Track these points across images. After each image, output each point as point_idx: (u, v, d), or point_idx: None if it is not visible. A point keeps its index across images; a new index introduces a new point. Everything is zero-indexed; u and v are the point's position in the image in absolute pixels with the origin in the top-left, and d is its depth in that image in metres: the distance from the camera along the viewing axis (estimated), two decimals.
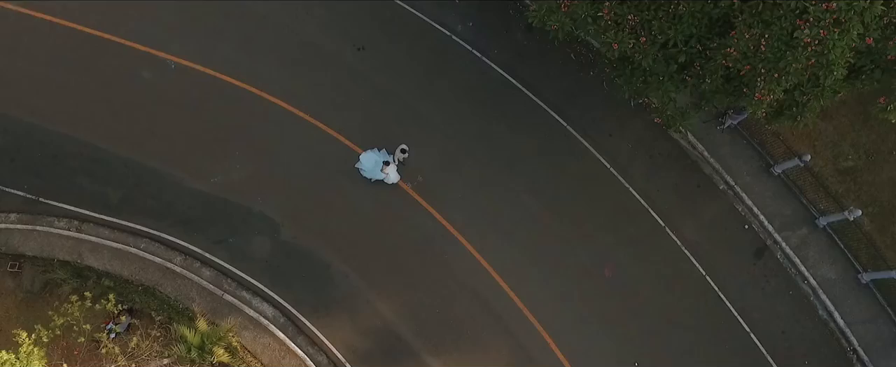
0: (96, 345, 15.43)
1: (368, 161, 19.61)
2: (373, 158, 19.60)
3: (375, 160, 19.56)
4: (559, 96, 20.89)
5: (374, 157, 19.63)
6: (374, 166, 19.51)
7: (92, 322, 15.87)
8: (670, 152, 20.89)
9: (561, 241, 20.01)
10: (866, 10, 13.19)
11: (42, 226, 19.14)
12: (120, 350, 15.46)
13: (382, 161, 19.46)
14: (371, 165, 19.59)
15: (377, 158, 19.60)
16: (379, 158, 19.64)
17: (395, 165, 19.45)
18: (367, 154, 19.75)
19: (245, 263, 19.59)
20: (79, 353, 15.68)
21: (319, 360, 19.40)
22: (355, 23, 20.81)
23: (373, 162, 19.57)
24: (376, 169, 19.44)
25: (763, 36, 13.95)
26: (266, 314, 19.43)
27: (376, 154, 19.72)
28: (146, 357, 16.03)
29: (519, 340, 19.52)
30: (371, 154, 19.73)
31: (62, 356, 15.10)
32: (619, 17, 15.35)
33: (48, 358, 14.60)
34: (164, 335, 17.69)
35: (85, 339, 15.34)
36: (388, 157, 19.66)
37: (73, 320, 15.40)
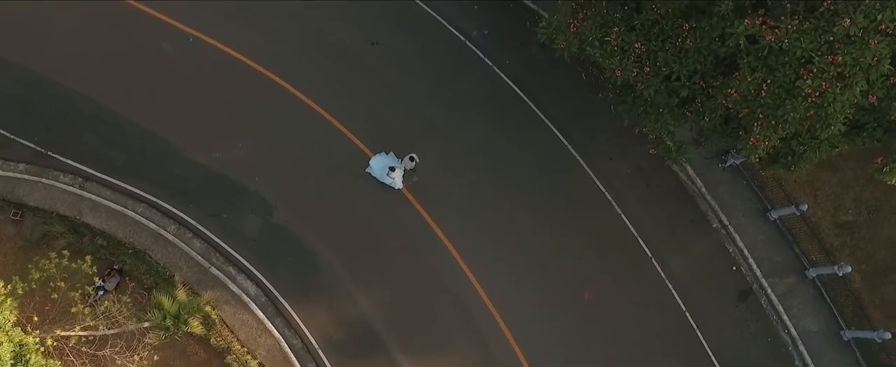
0: (68, 304, 15.95)
1: (378, 164, 19.81)
2: (382, 162, 19.79)
3: (385, 164, 19.74)
4: (564, 115, 20.97)
5: (384, 161, 19.82)
6: (383, 170, 19.68)
7: (68, 281, 16.38)
8: (668, 184, 20.84)
9: (545, 258, 20.12)
10: (872, 69, 13.10)
11: (47, 179, 19.81)
12: (90, 312, 15.97)
13: (390, 166, 19.59)
14: (380, 168, 19.78)
15: (385, 162, 19.78)
16: (386, 160, 19.82)
17: (401, 171, 19.59)
18: (377, 158, 19.92)
19: (235, 239, 20.06)
20: (50, 309, 16.22)
21: (294, 343, 19.80)
22: (372, 18, 21.11)
23: (383, 166, 19.75)
24: (384, 173, 19.63)
25: (765, 81, 13.93)
26: (248, 291, 19.88)
27: (386, 158, 19.90)
28: (120, 320, 16.52)
29: (489, 347, 19.69)
30: (381, 158, 19.91)
31: (35, 309, 15.64)
32: (626, 43, 15.41)
33: (21, 310, 15.15)
34: (149, 299, 18.19)
35: (58, 296, 15.88)
36: (397, 162, 19.83)
37: (50, 276, 15.93)
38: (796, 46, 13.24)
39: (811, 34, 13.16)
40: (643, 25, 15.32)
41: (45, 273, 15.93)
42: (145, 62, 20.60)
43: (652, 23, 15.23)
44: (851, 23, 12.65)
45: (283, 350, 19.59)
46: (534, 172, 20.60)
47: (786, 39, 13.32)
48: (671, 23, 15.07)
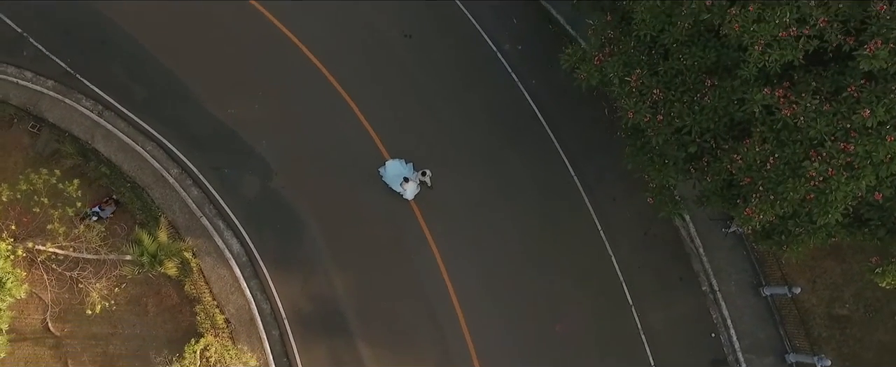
0: (47, 221, 16.49)
1: (393, 169, 19.83)
2: (397, 168, 19.80)
3: (400, 171, 19.73)
4: (578, 146, 20.82)
5: (400, 167, 19.83)
6: (396, 177, 19.68)
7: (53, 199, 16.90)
8: (666, 236, 20.49)
9: (526, 282, 20.00)
10: (883, 165, 12.67)
11: (70, 100, 20.56)
12: (65, 232, 16.49)
13: (404, 176, 19.60)
14: (394, 173, 19.76)
15: (402, 170, 19.77)
16: (403, 170, 19.79)
17: (416, 183, 19.64)
18: (393, 163, 19.93)
19: (230, 195, 20.50)
20: (29, 221, 16.81)
21: (263, 307, 20.11)
22: (411, 11, 21.32)
23: (397, 171, 19.75)
24: (396, 180, 19.64)
25: (773, 154, 13.60)
26: (232, 248, 20.27)
27: (402, 166, 19.87)
28: (96, 247, 17.02)
29: (449, 355, 19.64)
30: (397, 164, 19.91)
31: (14, 218, 16.23)
32: (645, 87, 15.20)
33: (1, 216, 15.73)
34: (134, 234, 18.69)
35: (39, 211, 16.44)
36: (412, 173, 19.83)
37: (36, 190, 16.52)
38: (811, 126, 12.89)
39: (829, 117, 12.80)
40: (666, 73, 15.10)
41: (32, 187, 16.53)
42: (190, 11, 21.16)
43: (676, 72, 15.00)
44: (871, 113, 12.27)
45: (251, 312, 19.91)
46: (534, 195, 20.50)
47: (802, 117, 12.99)
48: (694, 76, 14.82)
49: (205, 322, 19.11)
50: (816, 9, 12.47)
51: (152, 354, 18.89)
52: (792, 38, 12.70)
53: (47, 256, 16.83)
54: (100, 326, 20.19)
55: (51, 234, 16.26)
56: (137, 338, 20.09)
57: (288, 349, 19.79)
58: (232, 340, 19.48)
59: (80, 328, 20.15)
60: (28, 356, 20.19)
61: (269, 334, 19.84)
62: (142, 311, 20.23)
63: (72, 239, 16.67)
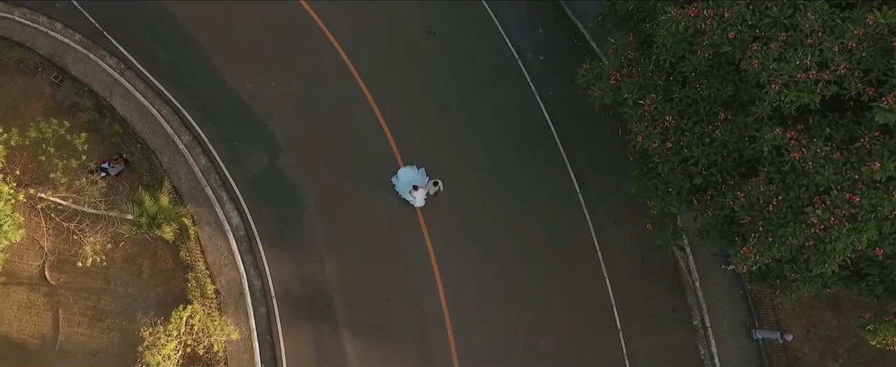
0: (51, 170, 16.80)
1: (405, 177, 19.83)
2: (410, 176, 19.80)
3: (412, 178, 19.72)
4: (587, 163, 20.68)
5: (412, 174, 19.83)
6: (408, 184, 19.68)
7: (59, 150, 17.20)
8: (664, 266, 20.26)
9: (517, 293, 19.91)
10: (887, 221, 12.39)
11: (95, 56, 20.93)
12: (67, 183, 16.77)
13: (415, 184, 19.58)
14: (407, 181, 19.74)
15: (414, 176, 19.73)
16: (415, 176, 19.74)
17: (425, 192, 19.64)
18: (406, 170, 19.92)
19: (237, 168, 20.71)
20: (34, 168, 17.14)
21: (254, 284, 20.28)
22: (438, 9, 21.36)
23: (409, 179, 19.74)
24: (408, 188, 19.64)
25: (777, 196, 13.38)
26: (231, 220, 20.48)
27: (414, 172, 19.85)
28: (96, 202, 17.29)
29: (431, 355, 19.61)
30: (410, 170, 19.91)
31: (20, 164, 16.57)
32: (658, 112, 15.04)
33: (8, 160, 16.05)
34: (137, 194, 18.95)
35: (45, 160, 16.76)
36: (424, 181, 19.79)
37: (44, 139, 16.83)
38: (818, 173, 12.66)
39: (838, 165, 12.55)
40: (681, 101, 14.93)
41: (41, 135, 16.85)
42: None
43: (691, 101, 14.83)
44: (881, 167, 12.00)
45: (241, 286, 20.09)
46: (536, 208, 20.39)
47: (811, 162, 12.75)
48: (709, 108, 14.63)
49: (195, 290, 19.34)
50: (839, 55, 12.23)
51: (139, 314, 19.16)
52: (810, 82, 12.48)
53: (47, 204, 17.15)
54: (94, 280, 20.53)
55: (53, 183, 16.57)
56: (128, 297, 20.39)
57: (272, 328, 19.95)
58: (219, 311, 19.68)
59: (74, 280, 20.51)
60: (21, 301, 20.60)
61: (256, 310, 20.00)
62: (136, 271, 20.53)
63: (73, 191, 16.96)
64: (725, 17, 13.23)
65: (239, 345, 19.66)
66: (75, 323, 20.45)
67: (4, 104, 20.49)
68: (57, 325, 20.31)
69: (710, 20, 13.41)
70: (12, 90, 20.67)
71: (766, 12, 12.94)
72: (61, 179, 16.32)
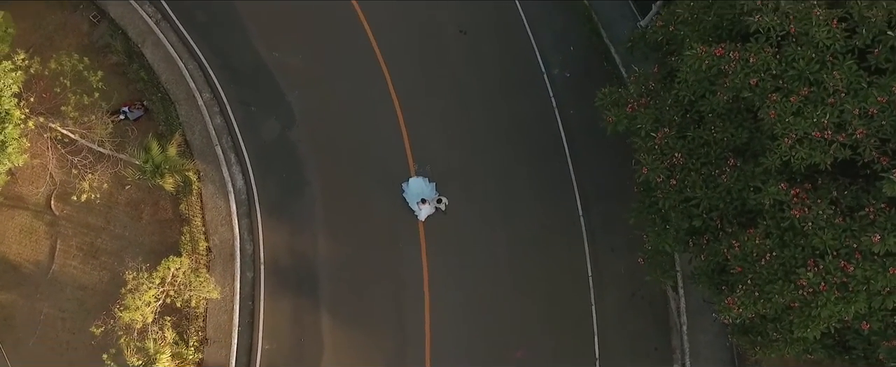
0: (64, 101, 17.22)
1: (415, 188, 19.83)
2: (420, 187, 19.79)
3: (422, 189, 19.71)
4: (593, 188, 20.49)
5: (422, 186, 19.80)
6: (416, 195, 19.69)
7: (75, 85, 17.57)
8: (653, 304, 19.96)
9: (502, 301, 19.79)
10: (878, 296, 12.03)
11: (134, 2, 21.40)
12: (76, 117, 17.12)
13: (423, 197, 19.57)
14: (417, 192, 19.74)
15: (423, 189, 19.72)
16: (425, 189, 19.71)
17: (431, 206, 19.63)
18: (417, 180, 19.92)
19: (250, 132, 21.00)
20: (48, 98, 17.58)
21: (246, 248, 20.51)
22: (474, 9, 21.37)
23: (419, 189, 19.75)
24: (415, 199, 19.66)
25: (772, 251, 13.10)
26: (236, 182, 20.76)
27: (425, 185, 19.83)
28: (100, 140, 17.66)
29: (405, 348, 19.59)
30: (420, 182, 19.89)
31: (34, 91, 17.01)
32: (668, 148, 14.85)
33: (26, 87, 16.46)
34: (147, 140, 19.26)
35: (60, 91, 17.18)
36: (433, 195, 19.78)
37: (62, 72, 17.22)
38: (817, 235, 12.38)
39: (837, 231, 12.26)
40: (694, 140, 14.71)
41: (60, 67, 17.26)
42: None
43: (703, 142, 14.59)
44: (881, 240, 11.65)
45: (233, 248, 20.35)
46: (536, 223, 20.25)
47: (810, 223, 12.47)
48: (720, 151, 14.39)
49: (187, 244, 19.65)
50: (859, 119, 11.92)
51: (129, 258, 19.52)
52: (825, 142, 12.19)
53: (56, 135, 17.59)
54: (96, 218, 21.00)
55: (64, 116, 16.98)
56: (124, 239, 20.81)
57: (256, 294, 20.16)
58: (207, 268, 19.96)
59: (77, 214, 21.00)
60: (24, 225, 21.17)
61: (243, 274, 20.24)
62: (136, 216, 20.94)
63: (81, 126, 17.37)
64: (750, 62, 13.00)
65: (220, 305, 19.93)
66: (71, 256, 20.94)
67: (42, 35, 21.07)
68: (53, 254, 20.84)
69: (734, 63, 13.19)
70: (51, 22, 21.26)
71: (793, 64, 12.68)
72: (71, 113, 16.74)
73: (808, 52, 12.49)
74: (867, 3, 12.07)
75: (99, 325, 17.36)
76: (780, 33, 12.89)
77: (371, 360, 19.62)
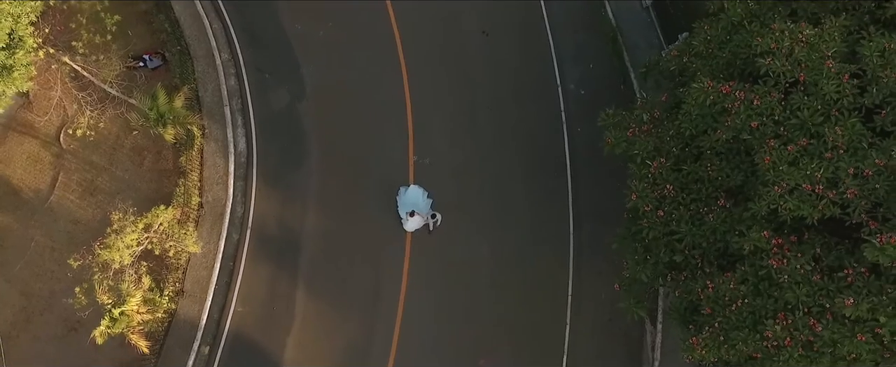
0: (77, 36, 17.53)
1: (412, 196, 19.66)
2: (416, 197, 19.62)
3: (417, 200, 19.53)
4: (590, 208, 20.31)
5: (419, 197, 19.63)
6: (410, 205, 19.48)
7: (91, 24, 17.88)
8: (629, 332, 19.72)
9: (477, 306, 19.71)
10: (842, 361, 11.73)
11: None
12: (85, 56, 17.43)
13: (415, 209, 19.39)
14: (410, 201, 19.54)
15: (419, 200, 19.54)
16: (420, 201, 19.52)
17: (422, 220, 19.41)
18: (415, 190, 19.75)
19: (260, 98, 21.26)
20: (61, 30, 17.96)
21: (237, 210, 20.76)
22: (500, 13, 21.33)
23: (413, 200, 19.57)
24: (407, 208, 19.48)
25: (744, 298, 12.86)
26: (238, 145, 21.04)
27: (422, 197, 19.65)
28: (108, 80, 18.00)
29: (373, 338, 19.62)
30: (418, 192, 19.74)
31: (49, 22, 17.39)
32: (661, 178, 14.68)
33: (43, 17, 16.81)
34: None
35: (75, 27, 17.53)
36: (427, 208, 19.57)
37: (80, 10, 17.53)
38: (791, 289, 12.10)
39: (812, 288, 11.97)
40: (688, 175, 14.51)
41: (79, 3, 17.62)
42: None
43: (697, 178, 14.38)
44: (854, 305, 11.34)
45: (224, 208, 20.62)
46: (524, 234, 20.15)
47: (787, 276, 12.19)
48: (712, 190, 14.17)
49: (181, 196, 19.95)
50: (853, 179, 11.61)
51: (120, 200, 19.87)
52: (815, 196, 11.90)
53: (66, 68, 17.93)
54: (100, 157, 21.44)
55: (74, 51, 17.31)
56: (122, 183, 21.22)
57: (238, 256, 20.40)
58: (196, 223, 20.25)
59: (83, 151, 21.45)
60: (32, 153, 21.69)
61: (229, 234, 20.50)
62: (139, 162, 21.34)
63: (90, 63, 17.71)
64: (755, 104, 12.77)
65: (201, 261, 20.21)
66: (70, 190, 21.42)
67: None
68: (54, 185, 21.33)
69: (739, 102, 12.97)
70: None
71: (796, 113, 12.43)
72: (81, 50, 17.09)
73: (814, 104, 12.22)
74: (882, 62, 11.76)
75: (77, 259, 17.72)
76: (789, 80, 12.63)
77: (337, 340, 19.73)
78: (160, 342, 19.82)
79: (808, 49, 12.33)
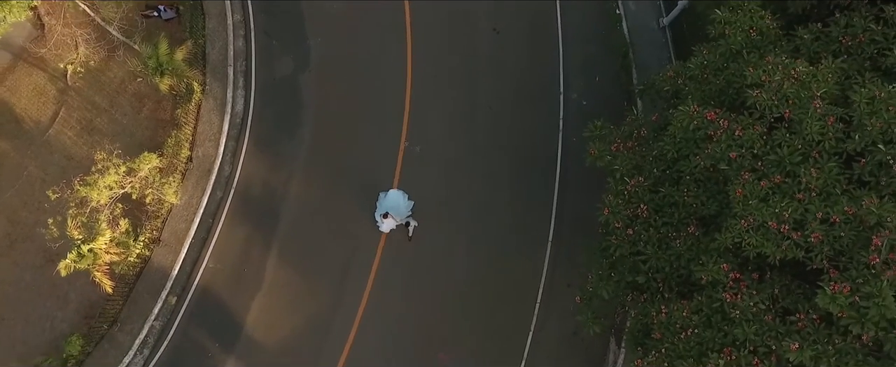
0: None
1: (392, 199, 19.62)
2: (396, 201, 19.59)
3: (396, 205, 19.47)
4: (571, 220, 20.18)
5: (399, 201, 19.60)
6: (389, 207, 19.39)
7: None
8: (591, 348, 19.60)
9: (445, 297, 19.68)
10: None
11: None
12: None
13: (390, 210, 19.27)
14: (390, 204, 19.49)
15: (399, 204, 19.49)
16: (400, 203, 19.49)
17: (397, 222, 19.32)
18: (396, 194, 19.71)
19: (263, 62, 21.42)
20: None
21: (224, 169, 20.94)
22: (514, 14, 21.19)
23: (393, 203, 19.52)
24: (384, 211, 19.36)
25: (694, 328, 12.67)
26: (236, 105, 21.23)
27: (403, 201, 19.62)
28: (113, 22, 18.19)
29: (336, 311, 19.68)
30: (399, 197, 19.69)
31: None
32: (636, 197, 14.50)
33: None
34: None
35: None
36: (403, 214, 19.47)
37: None
38: (741, 326, 11.88)
39: (762, 328, 11.74)
40: (663, 198, 14.30)
41: None
42: None
43: (672, 202, 14.17)
44: (799, 350, 11.11)
45: (212, 165, 20.82)
46: (503, 234, 20.06)
47: (739, 311, 11.97)
48: (684, 216, 13.96)
49: (171, 147, 20.20)
50: (820, 223, 11.35)
51: (109, 142, 20.14)
52: (780, 236, 11.66)
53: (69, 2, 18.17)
54: (102, 98, 21.77)
55: None
56: (119, 126, 21.54)
57: (217, 214, 20.58)
58: (182, 176, 20.48)
59: (88, 90, 21.79)
60: (38, 85, 22.10)
61: (213, 192, 20.71)
62: (138, 108, 21.63)
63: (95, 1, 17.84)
64: (737, 134, 12.54)
65: (182, 213, 20.45)
66: (69, 126, 21.79)
67: None
68: (54, 119, 21.72)
69: (721, 130, 12.75)
70: None
71: (776, 149, 12.18)
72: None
73: (795, 142, 11.96)
74: (870, 110, 11.47)
75: (56, 191, 18.04)
76: (775, 114, 12.39)
77: (301, 310, 19.84)
78: (130, 285, 20.12)
79: (798, 86, 12.07)
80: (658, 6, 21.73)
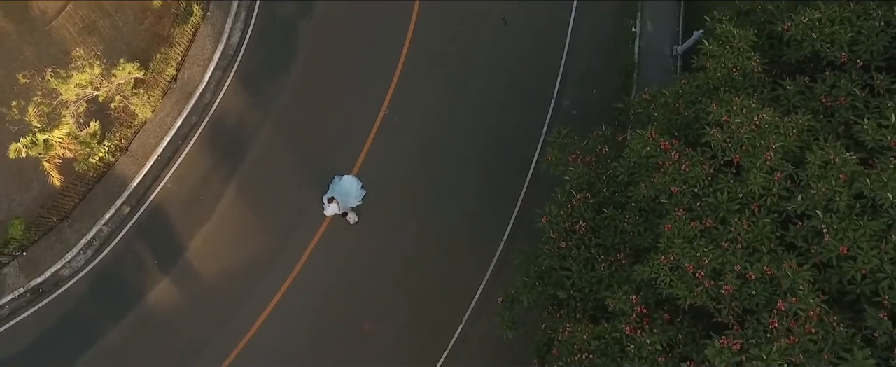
0: None
1: (346, 185, 19.41)
2: (349, 187, 19.39)
3: (346, 192, 19.27)
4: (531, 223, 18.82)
5: (352, 188, 19.40)
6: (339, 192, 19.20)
7: None
8: (517, 357, 19.15)
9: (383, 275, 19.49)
10: None
11: None
12: None
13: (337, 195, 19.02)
14: (341, 190, 19.29)
15: (350, 191, 19.29)
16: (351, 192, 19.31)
17: (337, 208, 18.98)
18: (350, 180, 19.49)
19: (269, 2, 21.34)
20: None
21: (205, 97, 21.01)
22: (526, 8, 20.73)
23: (345, 189, 19.33)
24: (331, 195, 19.14)
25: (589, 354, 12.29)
26: (232, 37, 21.27)
27: (355, 188, 19.42)
28: None
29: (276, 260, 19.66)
30: (353, 184, 19.47)
31: None
32: (578, 213, 14.06)
33: None
34: None
35: None
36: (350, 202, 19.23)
37: None
38: (632, 361, 11.44)
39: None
40: (606, 219, 13.82)
41: None
42: None
43: (613, 226, 13.67)
44: None
45: (194, 90, 20.94)
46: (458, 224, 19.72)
47: (632, 346, 11.55)
48: (618, 242, 13.49)
49: (158, 63, 20.34)
50: (735, 277, 10.80)
51: (105, 45, 20.33)
52: (694, 280, 11.15)
53: None
54: (109, 3, 22.04)
55: None
56: (119, 32, 21.74)
57: (187, 139, 20.68)
58: (163, 94, 20.66)
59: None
60: None
61: (189, 116, 20.84)
62: (140, 19, 21.81)
63: None
64: (682, 169, 12.00)
65: (154, 130, 20.64)
66: (72, 22, 22.07)
67: None
68: (60, 13, 21.99)
69: (670, 162, 12.21)
70: None
71: (716, 193, 11.61)
72: None
73: (737, 190, 11.39)
74: (820, 174, 10.83)
75: (26, 77, 18.30)
76: (725, 157, 11.81)
77: (243, 249, 19.91)
78: (89, 187, 20.44)
79: (756, 134, 11.46)
80: (676, 33, 20.98)
